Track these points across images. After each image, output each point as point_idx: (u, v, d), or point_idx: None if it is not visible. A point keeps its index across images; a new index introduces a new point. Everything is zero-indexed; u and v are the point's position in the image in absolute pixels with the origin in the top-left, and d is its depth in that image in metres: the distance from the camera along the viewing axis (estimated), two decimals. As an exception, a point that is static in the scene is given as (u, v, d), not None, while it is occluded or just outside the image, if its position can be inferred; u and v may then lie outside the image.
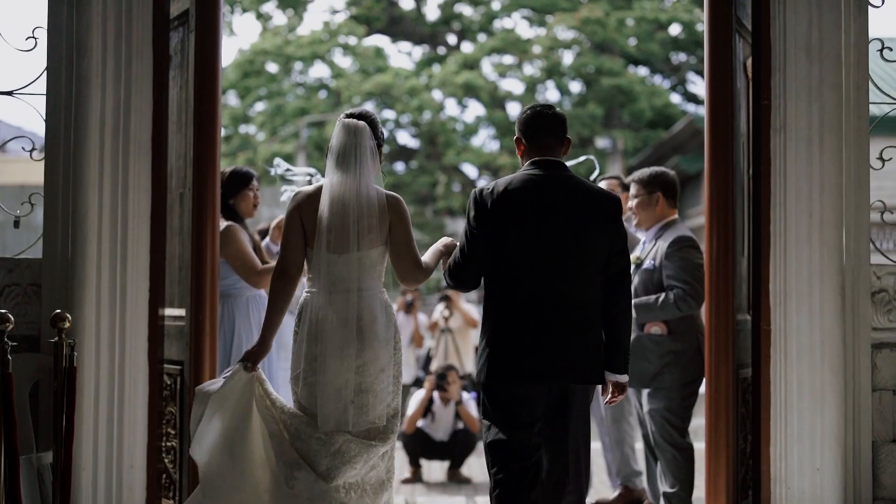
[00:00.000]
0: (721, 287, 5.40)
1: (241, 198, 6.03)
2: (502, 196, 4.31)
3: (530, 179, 4.36)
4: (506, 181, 4.37)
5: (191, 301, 5.30)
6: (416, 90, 28.08)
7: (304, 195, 4.53)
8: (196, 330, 5.29)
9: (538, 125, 4.45)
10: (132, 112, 5.24)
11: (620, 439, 6.73)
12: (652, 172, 5.97)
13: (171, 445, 5.42)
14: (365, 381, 4.42)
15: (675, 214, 5.98)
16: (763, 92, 5.30)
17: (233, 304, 5.91)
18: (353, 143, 4.45)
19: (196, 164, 5.32)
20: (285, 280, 4.51)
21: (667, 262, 5.76)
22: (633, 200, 5.99)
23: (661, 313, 5.72)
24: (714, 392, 5.40)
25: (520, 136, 4.50)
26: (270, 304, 4.58)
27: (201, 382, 5.24)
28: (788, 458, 5.21)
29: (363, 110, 4.60)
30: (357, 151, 4.44)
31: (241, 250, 5.81)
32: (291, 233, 4.50)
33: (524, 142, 4.49)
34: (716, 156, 5.45)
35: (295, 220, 4.50)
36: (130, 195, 5.25)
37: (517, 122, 4.53)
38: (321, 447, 4.38)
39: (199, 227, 5.30)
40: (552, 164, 4.42)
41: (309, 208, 4.48)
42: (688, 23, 29.90)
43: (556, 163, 4.43)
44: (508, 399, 4.32)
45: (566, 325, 4.27)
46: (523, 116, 4.51)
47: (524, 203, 4.29)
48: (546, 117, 4.47)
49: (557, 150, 4.48)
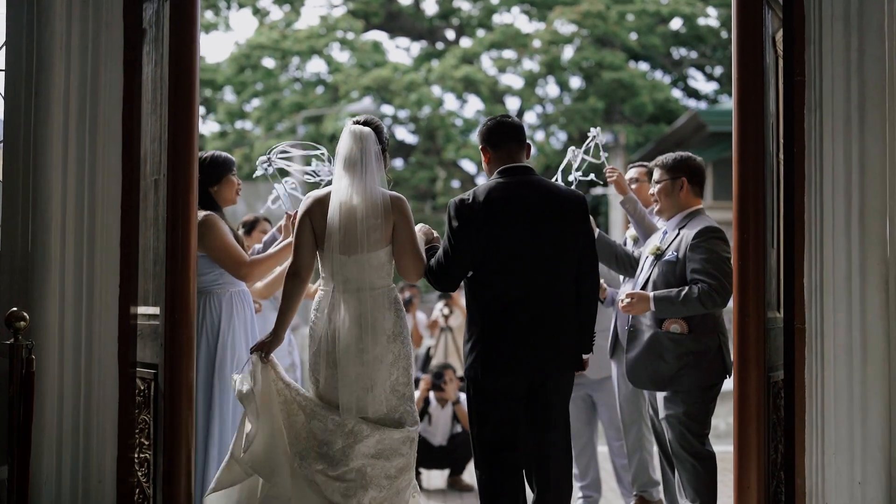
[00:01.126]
0: (751, 281, 4.91)
1: (225, 185, 5.56)
2: (484, 204, 4.65)
3: (506, 186, 4.70)
4: (484, 190, 4.69)
5: (165, 298, 4.82)
6: (415, 85, 27.78)
7: (315, 199, 4.78)
8: (171, 330, 4.82)
9: (502, 133, 4.81)
10: (100, 90, 4.82)
11: (637, 444, 6.26)
12: (677, 156, 5.48)
13: (144, 457, 4.94)
14: (376, 375, 4.71)
15: (700, 204, 5.48)
16: (796, 67, 4.83)
17: (216, 302, 5.41)
18: (359, 149, 4.73)
19: (172, 147, 4.84)
20: (298, 280, 4.81)
21: (691, 254, 5.26)
22: (656, 186, 5.50)
23: (682, 308, 5.22)
24: (742, 397, 4.92)
25: (485, 146, 4.85)
26: (284, 301, 4.83)
27: (177, 387, 4.77)
28: (826, 471, 4.76)
29: (368, 117, 4.88)
30: (363, 156, 4.72)
31: (225, 242, 5.34)
32: (303, 236, 4.78)
33: (490, 151, 4.84)
34: (745, 138, 4.97)
35: (306, 224, 4.77)
36: (98, 182, 4.83)
37: (480, 135, 4.87)
38: (336, 427, 4.68)
39: (174, 216, 4.83)
40: (522, 170, 4.78)
41: (319, 212, 4.74)
42: (689, 16, 29.71)
43: (525, 167, 4.80)
44: (499, 394, 4.69)
45: (550, 321, 4.67)
46: (486, 128, 4.86)
47: (505, 209, 4.64)
48: (508, 125, 4.85)
49: (522, 155, 4.83)
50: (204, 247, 5.28)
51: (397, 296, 4.86)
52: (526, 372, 4.68)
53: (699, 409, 5.26)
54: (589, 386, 6.67)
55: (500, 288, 4.65)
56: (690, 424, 5.25)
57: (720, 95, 30.85)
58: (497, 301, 4.65)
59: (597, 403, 6.69)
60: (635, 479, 6.33)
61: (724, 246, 5.28)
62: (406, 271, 4.79)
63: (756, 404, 4.89)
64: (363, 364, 4.69)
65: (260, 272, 5.49)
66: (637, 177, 6.33)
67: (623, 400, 6.30)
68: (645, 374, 5.35)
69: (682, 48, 31.11)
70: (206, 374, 5.29)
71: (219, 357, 5.32)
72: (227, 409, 5.30)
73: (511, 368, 4.66)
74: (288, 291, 4.82)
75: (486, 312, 4.67)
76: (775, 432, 4.95)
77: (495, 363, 4.66)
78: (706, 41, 30.67)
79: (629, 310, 5.32)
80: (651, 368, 5.28)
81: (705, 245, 5.25)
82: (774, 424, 4.96)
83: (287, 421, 4.75)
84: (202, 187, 5.38)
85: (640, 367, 5.34)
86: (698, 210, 5.47)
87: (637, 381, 5.43)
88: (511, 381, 4.67)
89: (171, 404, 4.81)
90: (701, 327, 5.27)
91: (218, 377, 5.30)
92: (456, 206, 4.67)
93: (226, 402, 5.30)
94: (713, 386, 5.30)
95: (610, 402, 6.57)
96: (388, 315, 4.76)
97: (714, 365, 5.26)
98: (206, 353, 5.31)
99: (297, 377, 6.73)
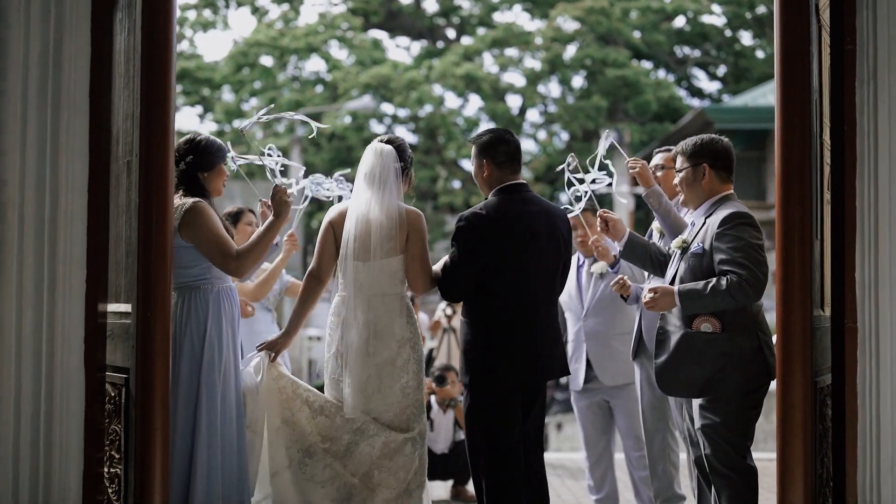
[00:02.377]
0: (796, 275, 4.39)
1: (217, 173, 5.06)
2: (495, 219, 4.92)
3: (512, 202, 4.98)
4: (493, 206, 4.96)
5: (137, 293, 4.29)
6: (415, 83, 27.40)
7: (338, 212, 5.07)
8: (143, 329, 4.29)
9: (509, 153, 5.03)
10: (64, 60, 4.35)
11: (661, 455, 5.72)
12: (697, 141, 4.94)
13: (114, 472, 4.42)
14: (385, 378, 4.93)
15: (730, 189, 4.93)
16: (847, 34, 4.34)
17: (201, 299, 4.86)
18: (378, 164, 4.99)
19: (144, 124, 4.32)
20: (317, 282, 5.06)
21: (717, 244, 4.71)
22: (677, 175, 4.97)
23: (710, 302, 4.67)
24: (786, 405, 4.39)
25: (488, 160, 5.02)
26: (301, 300, 5.06)
27: (150, 393, 4.25)
28: (881, 489, 4.27)
29: (392, 136, 5.16)
30: (382, 172, 4.98)
31: (216, 232, 4.83)
32: (326, 243, 5.04)
33: (492, 166, 5.03)
34: (789, 117, 4.44)
35: (329, 232, 5.04)
36: (62, 163, 4.34)
37: (482, 146, 5.04)
38: (344, 423, 4.90)
39: (147, 202, 4.31)
40: (523, 187, 5.08)
41: (340, 222, 5.02)
42: (695, 12, 29.42)
43: (524, 184, 5.09)
44: (505, 401, 4.92)
45: (549, 331, 5.03)
46: (489, 142, 5.05)
47: (513, 224, 4.93)
48: (515, 145, 5.08)
49: (519, 172, 5.12)
50: (191, 237, 4.77)
51: (409, 302, 5.05)
52: (527, 379, 4.97)
53: (739, 417, 4.71)
54: (605, 392, 6.16)
55: (506, 299, 4.90)
56: (730, 436, 4.70)
57: (724, 95, 30.64)
58: (504, 312, 4.90)
59: (614, 411, 6.17)
60: (658, 494, 5.79)
61: (753, 232, 4.73)
62: (413, 282, 5.00)
63: (802, 413, 4.37)
64: (371, 366, 4.90)
65: (250, 263, 4.98)
66: (662, 163, 5.75)
67: (647, 406, 5.76)
68: (676, 379, 4.81)
69: (685, 46, 31.07)
70: (190, 379, 4.75)
71: (205, 359, 4.79)
72: (214, 418, 4.75)
73: (515, 376, 4.92)
74: (306, 290, 5.05)
75: (492, 322, 4.91)
76: (821, 444, 4.43)
77: (501, 371, 4.89)
78: (711, 40, 30.51)
79: (652, 306, 4.79)
80: (683, 373, 4.74)
81: (732, 232, 4.70)
82: (821, 435, 4.44)
83: (291, 419, 4.92)
84: (192, 171, 4.91)
85: (671, 373, 4.80)
86: (727, 196, 4.91)
87: (668, 388, 4.89)
88: (514, 388, 4.92)
89: (143, 413, 4.29)
90: (736, 325, 4.72)
91: (205, 382, 4.76)
92: (468, 220, 4.92)
93: (213, 410, 4.76)
94: (755, 391, 4.74)
95: (629, 410, 6.04)
96: (399, 320, 4.96)
97: (754, 367, 4.71)
98: (191, 356, 4.77)
99: None
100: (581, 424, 6.34)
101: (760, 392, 4.74)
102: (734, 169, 4.89)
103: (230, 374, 4.86)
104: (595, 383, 6.15)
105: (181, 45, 31.95)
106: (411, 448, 4.93)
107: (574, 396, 6.33)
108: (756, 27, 30.76)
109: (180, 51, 31.92)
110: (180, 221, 4.75)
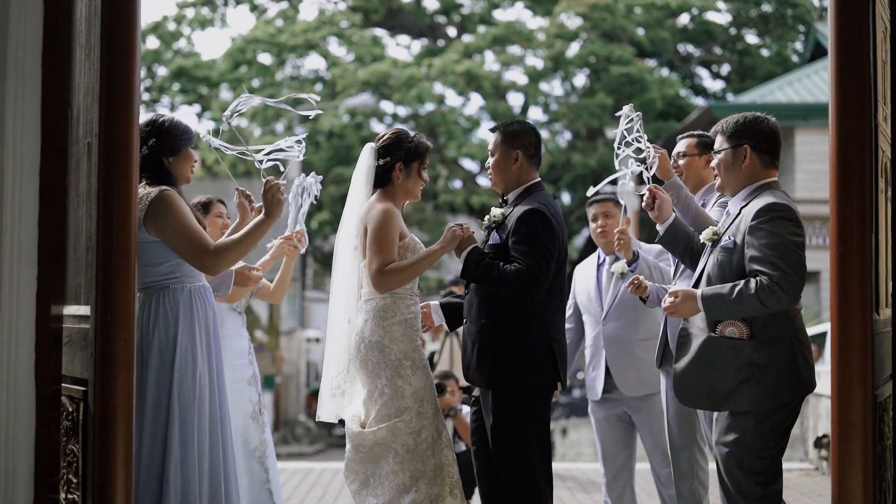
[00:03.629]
0: (855, 275, 3.81)
1: (184, 157, 4.48)
2: (558, 218, 4.73)
3: (553, 201, 4.83)
4: (551, 201, 4.75)
5: (96, 294, 3.72)
6: (415, 80, 27.00)
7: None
8: (103, 335, 3.71)
9: (538, 146, 4.78)
10: (12, 17, 3.78)
11: (689, 472, 5.14)
12: (739, 119, 4.36)
13: (72, 499, 3.84)
14: (357, 382, 4.88)
15: (773, 176, 4.35)
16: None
17: (171, 300, 4.28)
18: (358, 164, 4.87)
19: (104, 101, 3.73)
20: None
21: (750, 238, 4.12)
22: (715, 157, 4.39)
23: (737, 308, 4.08)
24: (843, 423, 3.80)
25: (520, 152, 4.74)
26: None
27: (110, 408, 3.69)
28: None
29: (388, 130, 4.93)
30: (356, 172, 4.87)
31: (187, 223, 4.26)
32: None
33: (526, 160, 4.75)
34: (845, 97, 3.87)
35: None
36: (9, 143, 3.83)
37: (512, 134, 4.74)
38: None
39: (107, 187, 3.73)
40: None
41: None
42: (700, 8, 29.09)
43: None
44: (549, 403, 4.77)
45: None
46: (523, 130, 4.77)
47: (563, 225, 4.80)
48: (539, 138, 4.84)
49: None
50: (159, 229, 4.20)
51: (384, 305, 4.74)
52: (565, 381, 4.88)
53: (758, 437, 4.09)
54: (626, 403, 5.59)
55: (563, 300, 4.82)
56: (744, 457, 4.10)
57: (728, 94, 30.26)
58: (561, 312, 4.79)
59: (637, 425, 5.60)
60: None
61: (792, 227, 4.12)
62: (370, 282, 4.74)
63: (862, 430, 3.78)
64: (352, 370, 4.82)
65: (227, 263, 4.41)
66: (685, 150, 5.16)
67: (673, 419, 5.16)
68: (696, 389, 4.24)
69: (689, 45, 30.77)
70: (159, 392, 4.18)
71: (177, 370, 4.20)
72: (189, 437, 4.17)
73: (560, 378, 4.77)
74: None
75: (551, 321, 4.68)
76: (880, 467, 3.86)
77: (554, 372, 4.71)
78: (715, 38, 30.16)
79: (673, 312, 4.22)
80: (704, 383, 4.17)
81: (767, 227, 4.09)
82: (880, 457, 3.86)
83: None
84: (156, 157, 4.34)
85: (691, 381, 4.23)
86: (769, 184, 4.32)
87: (686, 398, 4.32)
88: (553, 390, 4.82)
89: (102, 431, 3.70)
90: (767, 331, 4.14)
91: (177, 395, 4.18)
92: (548, 214, 4.64)
93: (188, 427, 4.18)
94: (781, 409, 4.15)
95: (654, 424, 5.45)
96: (370, 324, 4.72)
97: (784, 381, 4.12)
98: (159, 365, 4.19)
99: (258, 389, 5.67)
100: (598, 437, 5.75)
101: (787, 412, 4.14)
102: (779, 153, 4.32)
103: (206, 384, 4.28)
104: (615, 393, 5.59)
105: (178, 43, 31.65)
106: (383, 450, 4.76)
107: (591, 407, 5.75)
108: (761, 25, 30.42)
109: (177, 49, 31.54)
110: (146, 213, 4.18)
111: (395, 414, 4.65)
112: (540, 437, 4.65)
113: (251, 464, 5.50)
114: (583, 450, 19.40)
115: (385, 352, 4.68)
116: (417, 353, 4.72)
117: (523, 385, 4.63)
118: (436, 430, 4.69)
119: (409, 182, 4.80)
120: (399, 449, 4.63)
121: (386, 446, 4.65)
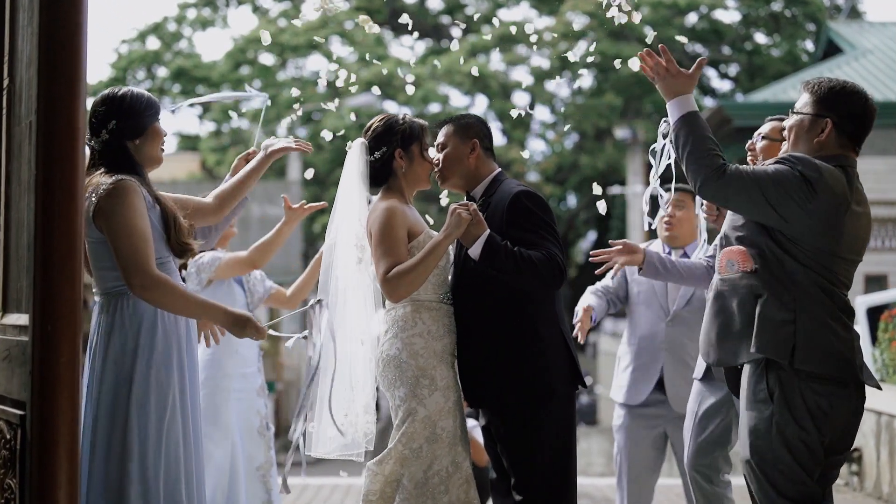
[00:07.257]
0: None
1: (152, 136, 3.78)
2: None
3: None
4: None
5: (34, 302, 3.13)
6: (420, 79, 26.66)
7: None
8: (42, 349, 3.11)
9: (491, 137, 4.42)
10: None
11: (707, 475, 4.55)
12: (833, 86, 3.64)
13: (9, 541, 3.26)
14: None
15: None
16: None
17: (131, 310, 3.64)
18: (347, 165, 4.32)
19: (45, 75, 3.14)
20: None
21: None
22: (792, 116, 3.70)
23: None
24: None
25: (477, 143, 4.30)
26: None
27: (51, 436, 3.11)
28: None
29: (367, 125, 4.36)
30: (349, 172, 4.34)
31: (132, 224, 3.56)
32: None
33: (483, 150, 4.32)
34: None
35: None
36: None
37: (467, 125, 4.32)
38: None
39: (48, 179, 3.13)
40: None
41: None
42: (709, 7, 28.75)
43: None
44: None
45: None
46: (477, 121, 4.37)
47: None
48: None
49: None
50: (105, 227, 3.57)
51: (403, 315, 4.21)
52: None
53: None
54: (669, 422, 5.00)
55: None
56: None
57: (736, 94, 29.82)
58: (558, 299, 4.24)
59: (675, 445, 5.01)
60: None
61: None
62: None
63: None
64: None
65: (162, 302, 3.61)
66: (768, 132, 4.25)
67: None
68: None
69: (698, 44, 30.49)
70: (113, 420, 3.55)
71: (135, 391, 3.55)
72: (151, 471, 3.57)
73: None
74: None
75: (561, 314, 4.20)
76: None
77: (573, 371, 4.19)
78: (724, 37, 29.78)
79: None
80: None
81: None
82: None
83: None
84: (117, 141, 3.70)
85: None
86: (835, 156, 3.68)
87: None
88: None
89: (41, 463, 3.11)
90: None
91: (136, 419, 3.56)
92: (535, 192, 4.23)
93: (148, 460, 3.55)
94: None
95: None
96: (389, 336, 4.20)
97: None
98: (113, 385, 3.57)
99: (266, 401, 5.27)
100: (627, 455, 5.11)
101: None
102: (864, 139, 3.68)
103: (176, 410, 3.62)
104: (660, 408, 4.99)
105: (179, 44, 31.33)
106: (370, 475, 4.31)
107: (626, 417, 5.12)
108: (771, 24, 29.98)
109: (178, 50, 31.17)
110: (96, 206, 3.57)
111: (405, 441, 3.99)
112: (572, 454, 4.10)
113: (253, 484, 5.18)
114: (592, 459, 18.73)
115: (402, 367, 4.03)
116: (440, 370, 4.04)
117: (549, 394, 4.03)
118: (452, 462, 4.01)
119: (415, 167, 4.25)
120: (406, 483, 3.97)
121: (396, 482, 3.99)
